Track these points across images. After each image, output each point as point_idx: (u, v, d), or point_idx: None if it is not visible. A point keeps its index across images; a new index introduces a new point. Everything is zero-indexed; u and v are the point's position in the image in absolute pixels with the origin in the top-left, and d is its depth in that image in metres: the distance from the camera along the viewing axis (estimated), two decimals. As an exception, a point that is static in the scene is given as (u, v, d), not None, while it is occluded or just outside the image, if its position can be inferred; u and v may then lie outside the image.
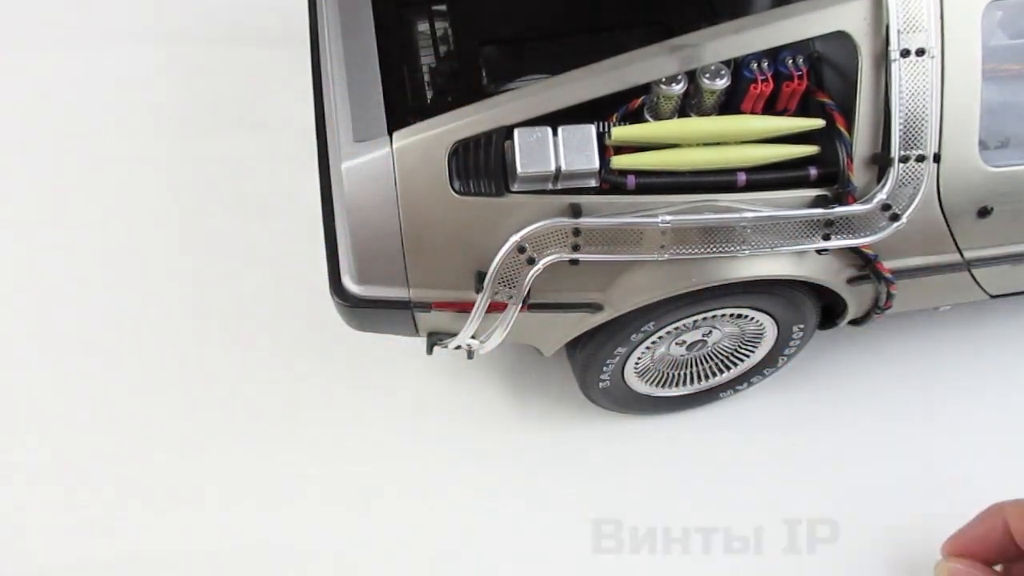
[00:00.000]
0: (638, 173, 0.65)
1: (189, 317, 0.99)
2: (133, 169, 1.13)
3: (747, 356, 0.86)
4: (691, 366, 0.87)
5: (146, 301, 1.00)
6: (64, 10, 1.30)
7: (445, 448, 0.90)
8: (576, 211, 0.64)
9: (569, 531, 0.85)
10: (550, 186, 0.65)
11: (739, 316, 0.79)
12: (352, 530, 0.85)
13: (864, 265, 0.73)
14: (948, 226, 0.72)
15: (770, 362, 0.87)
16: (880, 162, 0.67)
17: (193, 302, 1.00)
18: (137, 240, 1.06)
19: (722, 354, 0.86)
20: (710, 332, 0.82)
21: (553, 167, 0.62)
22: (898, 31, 0.63)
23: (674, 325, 0.77)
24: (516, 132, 0.62)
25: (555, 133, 0.63)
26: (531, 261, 0.66)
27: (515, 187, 0.64)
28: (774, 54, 0.66)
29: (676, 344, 0.82)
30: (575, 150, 0.63)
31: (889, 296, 0.76)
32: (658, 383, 0.87)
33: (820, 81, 0.68)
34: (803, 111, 0.69)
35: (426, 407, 0.93)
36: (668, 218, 0.65)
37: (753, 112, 0.68)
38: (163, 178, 1.12)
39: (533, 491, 0.88)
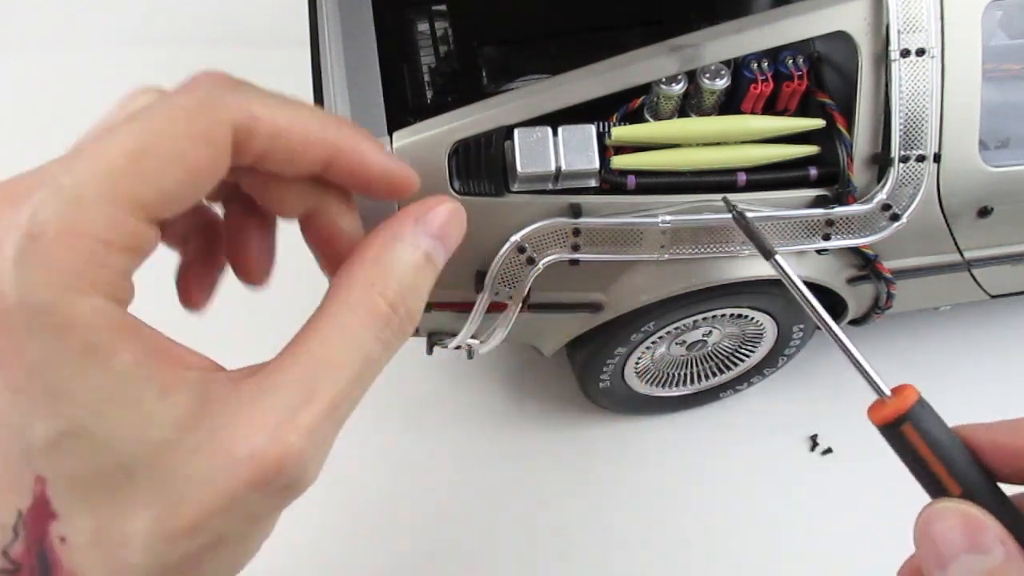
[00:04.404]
0: (638, 173, 0.65)
1: (186, 317, 0.99)
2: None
3: (747, 356, 0.86)
4: (691, 366, 0.87)
5: (144, 301, 1.00)
6: (64, 10, 1.30)
7: (444, 448, 0.90)
8: (576, 211, 0.64)
9: (568, 531, 0.85)
10: (550, 186, 0.65)
11: (739, 316, 0.79)
12: (349, 530, 0.85)
13: (864, 265, 0.73)
14: (948, 226, 0.72)
15: (770, 362, 0.87)
16: (880, 162, 0.67)
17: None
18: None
19: (722, 354, 0.86)
20: (710, 332, 0.82)
21: (553, 167, 0.62)
22: (898, 31, 0.63)
23: (674, 325, 0.77)
24: (516, 132, 0.62)
25: (555, 133, 0.62)
26: (531, 261, 0.66)
27: (515, 187, 0.64)
28: (774, 54, 0.66)
29: (676, 344, 0.82)
30: (575, 150, 0.63)
31: (889, 296, 0.76)
32: (658, 383, 0.87)
33: (820, 81, 0.68)
34: (803, 111, 0.69)
35: (426, 407, 0.93)
36: (668, 218, 0.65)
37: (753, 112, 0.68)
38: (163, 178, 1.12)
39: (532, 491, 0.88)
